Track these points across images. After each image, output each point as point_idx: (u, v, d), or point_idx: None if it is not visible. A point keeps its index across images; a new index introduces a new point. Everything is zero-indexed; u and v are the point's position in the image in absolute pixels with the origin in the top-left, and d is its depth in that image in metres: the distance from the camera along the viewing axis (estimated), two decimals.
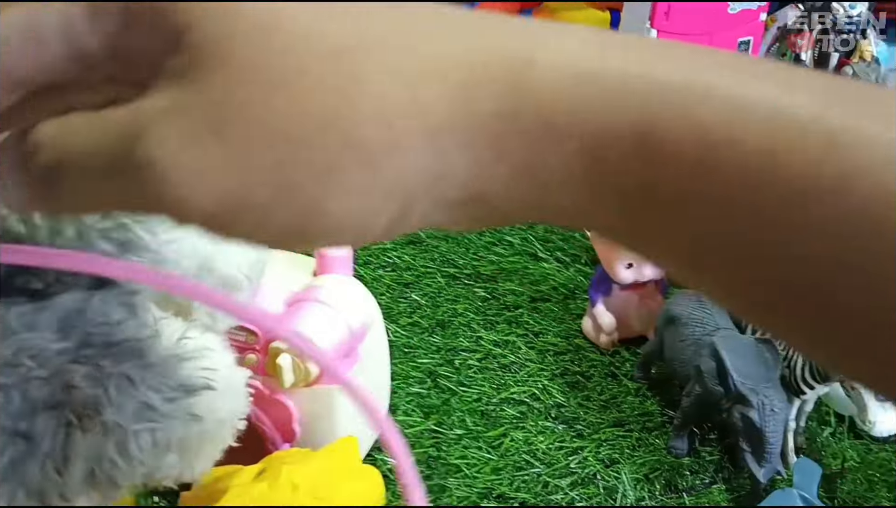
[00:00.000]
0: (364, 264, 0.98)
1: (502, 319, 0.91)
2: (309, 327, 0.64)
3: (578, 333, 0.90)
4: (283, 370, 0.63)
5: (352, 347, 0.67)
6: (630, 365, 0.86)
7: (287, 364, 0.63)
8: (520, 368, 0.86)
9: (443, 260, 0.98)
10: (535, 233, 1.01)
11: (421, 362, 0.86)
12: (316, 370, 0.64)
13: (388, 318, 0.91)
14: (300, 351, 0.63)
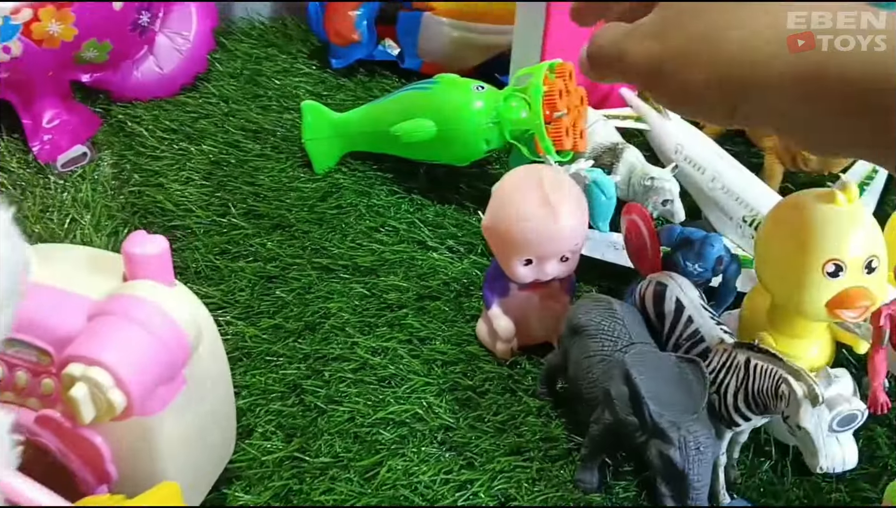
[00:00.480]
0: (221, 254, 0.82)
1: (383, 321, 0.77)
2: (113, 348, 0.49)
3: (472, 339, 0.76)
4: (78, 403, 0.48)
5: (172, 371, 0.52)
6: (532, 378, 0.73)
7: (82, 395, 0.48)
8: (401, 381, 0.72)
9: (314, 249, 0.84)
10: (423, 216, 0.87)
11: (284, 373, 0.72)
12: (122, 400, 0.49)
13: (246, 320, 0.76)
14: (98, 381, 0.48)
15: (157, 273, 0.53)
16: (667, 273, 0.69)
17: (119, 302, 0.51)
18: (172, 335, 0.51)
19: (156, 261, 0.52)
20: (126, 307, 0.50)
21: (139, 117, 0.99)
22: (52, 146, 0.91)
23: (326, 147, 0.91)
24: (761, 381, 0.59)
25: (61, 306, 0.52)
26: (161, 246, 0.52)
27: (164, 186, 0.89)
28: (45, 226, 0.84)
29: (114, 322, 0.50)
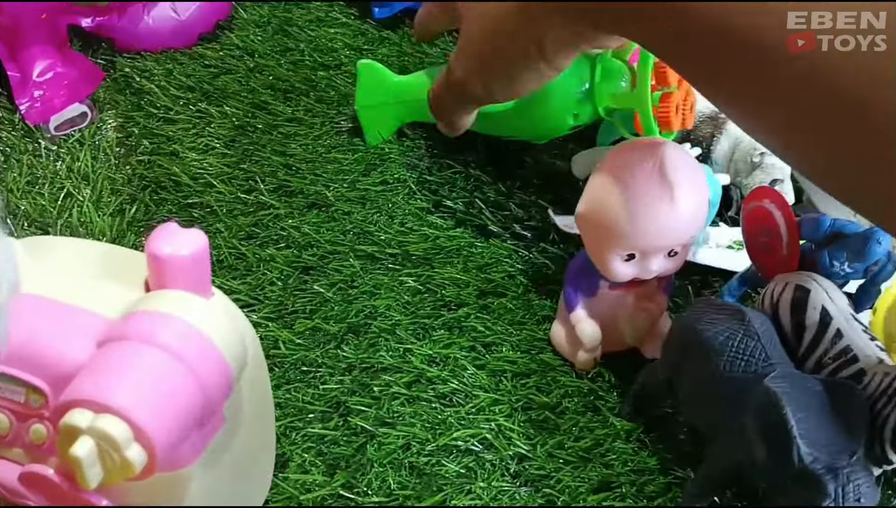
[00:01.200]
0: (248, 238, 0.70)
1: (440, 323, 0.65)
2: (131, 387, 0.36)
3: (545, 345, 0.64)
4: (82, 464, 0.36)
5: (209, 411, 0.39)
6: (618, 394, 0.61)
7: (87, 454, 0.36)
8: (466, 399, 0.60)
9: (357, 233, 0.71)
10: (483, 196, 0.74)
11: (325, 388, 0.60)
12: (142, 457, 0.37)
13: (278, 321, 0.64)
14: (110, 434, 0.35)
15: (191, 280, 0.40)
16: (807, 274, 0.56)
17: (140, 322, 0.38)
18: (212, 366, 0.39)
19: (190, 265, 0.40)
20: (150, 329, 0.38)
21: (149, 71, 0.84)
22: (44, 105, 0.77)
23: (383, 115, 0.77)
24: None
25: (60, 327, 0.39)
26: (197, 243, 0.40)
27: (178, 155, 0.76)
28: (32, 203, 0.71)
29: (133, 350, 0.37)
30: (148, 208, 0.72)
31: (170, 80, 0.83)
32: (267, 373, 0.47)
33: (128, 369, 0.37)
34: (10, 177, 0.74)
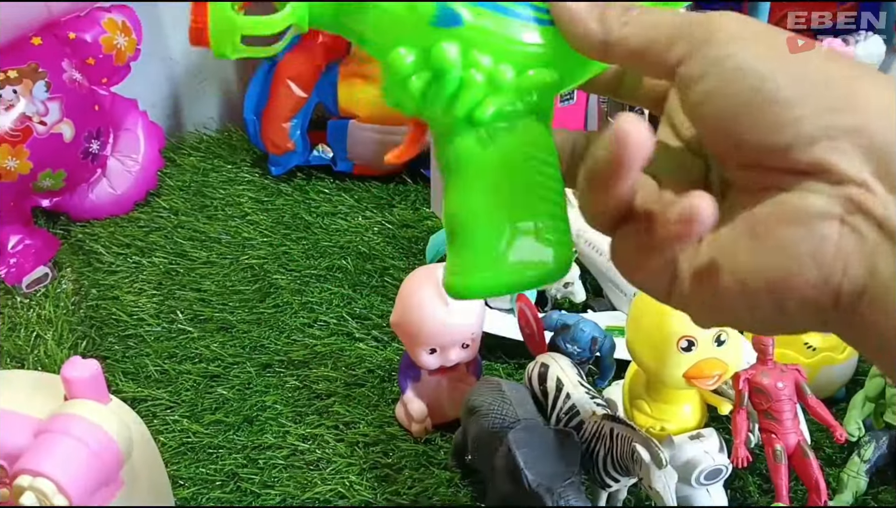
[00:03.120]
0: (169, 357, 0.92)
1: (313, 409, 0.87)
2: (54, 461, 0.58)
3: (393, 420, 0.86)
4: None
5: (107, 476, 0.61)
6: (444, 452, 0.83)
7: (31, 502, 0.58)
8: (327, 464, 0.82)
9: (254, 346, 0.94)
10: (351, 310, 0.98)
11: (223, 463, 0.81)
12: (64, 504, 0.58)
13: (191, 417, 0.86)
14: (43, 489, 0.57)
15: (91, 392, 0.63)
16: (550, 354, 0.79)
17: (59, 421, 0.61)
18: (106, 446, 0.61)
19: (89, 383, 0.62)
20: (65, 424, 0.60)
21: (96, 235, 1.09)
22: (18, 269, 1.02)
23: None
24: (621, 447, 0.69)
25: (11, 426, 0.62)
26: (93, 369, 0.62)
27: (119, 299, 1.00)
28: (13, 344, 0.94)
29: (55, 438, 0.60)
30: (95, 341, 0.95)
31: (112, 241, 1.08)
32: (157, 450, 0.69)
33: (52, 450, 0.59)
34: None
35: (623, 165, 0.27)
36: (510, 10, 0.31)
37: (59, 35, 1.04)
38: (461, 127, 0.32)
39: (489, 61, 0.31)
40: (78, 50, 1.06)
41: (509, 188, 0.32)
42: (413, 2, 0.30)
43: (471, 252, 0.33)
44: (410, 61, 0.30)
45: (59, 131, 1.02)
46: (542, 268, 0.33)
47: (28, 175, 1.00)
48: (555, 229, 0.33)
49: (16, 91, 0.98)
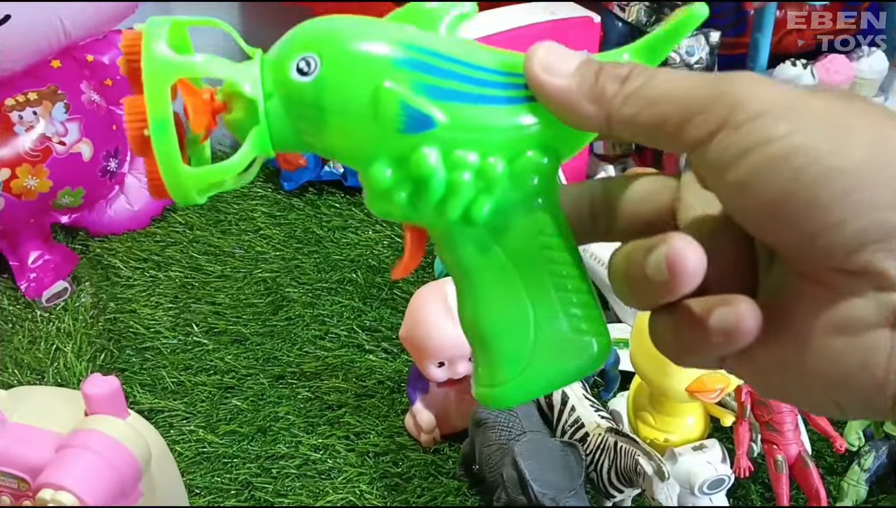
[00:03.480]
0: (185, 369, 0.95)
1: (324, 420, 0.89)
2: (74, 475, 0.61)
3: (402, 430, 0.88)
4: None
5: (126, 488, 0.64)
6: (452, 462, 0.85)
7: None
8: (338, 473, 0.84)
9: (267, 358, 0.96)
10: (361, 323, 1.00)
11: (238, 472, 0.84)
12: None
13: (206, 428, 0.88)
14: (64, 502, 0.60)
15: (110, 408, 0.65)
16: None
17: (79, 436, 0.63)
18: (124, 460, 0.63)
19: (109, 399, 0.65)
20: (85, 440, 0.63)
21: (114, 250, 1.12)
22: (38, 283, 1.04)
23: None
24: (625, 460, 0.71)
25: (34, 441, 0.64)
26: (112, 386, 0.65)
27: (136, 312, 1.02)
28: (33, 357, 0.97)
29: (76, 453, 0.62)
30: (113, 354, 0.97)
31: (129, 255, 1.11)
32: (174, 462, 0.72)
33: (73, 464, 0.61)
34: (16, 339, 1.00)
35: (674, 291, 0.25)
36: (483, 96, 0.28)
37: (77, 58, 1.07)
38: (459, 229, 0.29)
39: (475, 158, 0.28)
40: (96, 72, 1.09)
41: (525, 285, 0.29)
42: (374, 113, 0.27)
43: (497, 363, 0.30)
44: (389, 175, 0.28)
45: (78, 151, 1.04)
46: (582, 358, 0.30)
47: (48, 193, 1.03)
48: (586, 316, 0.30)
49: (36, 112, 1.01)
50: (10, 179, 0.99)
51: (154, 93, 0.27)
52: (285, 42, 0.28)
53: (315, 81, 0.27)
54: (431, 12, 0.29)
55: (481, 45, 0.29)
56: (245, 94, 0.28)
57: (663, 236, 0.25)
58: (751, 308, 0.25)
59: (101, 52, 1.10)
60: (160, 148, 0.27)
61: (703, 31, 1.06)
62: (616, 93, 0.27)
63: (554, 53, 0.28)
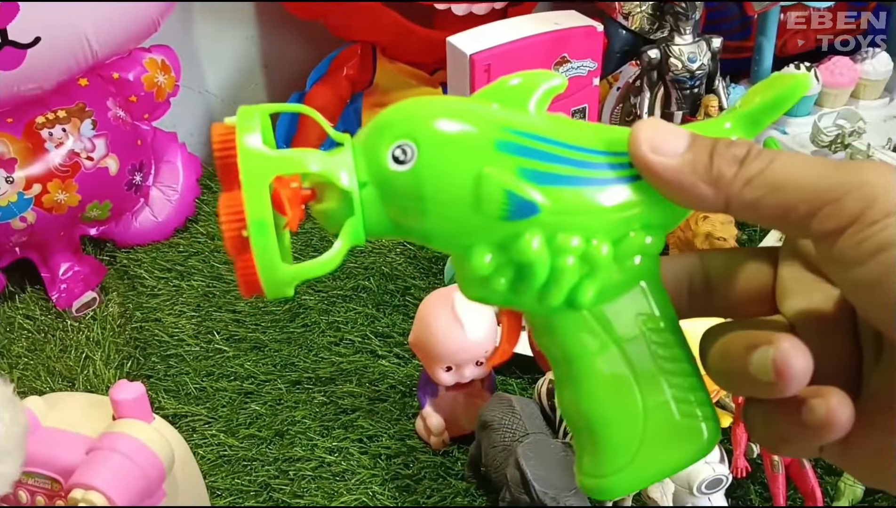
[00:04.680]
0: (207, 375, 1.00)
1: (338, 424, 0.93)
2: (103, 476, 0.65)
3: (413, 433, 0.92)
4: None
5: (151, 488, 0.68)
6: (461, 464, 0.89)
7: None
8: (352, 475, 0.88)
9: (284, 364, 1.00)
10: (375, 329, 1.04)
11: (257, 475, 0.88)
12: None
13: (227, 432, 0.93)
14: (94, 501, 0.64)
15: (137, 412, 0.70)
16: None
17: (108, 439, 0.68)
18: (150, 462, 0.68)
19: (135, 404, 0.70)
20: (113, 442, 0.68)
21: (140, 260, 1.17)
22: (68, 294, 1.10)
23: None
24: None
25: (66, 444, 0.69)
26: (138, 391, 0.69)
27: (160, 320, 1.07)
28: (64, 365, 1.02)
29: (104, 455, 0.67)
30: (139, 361, 1.02)
31: (154, 266, 1.16)
32: (196, 464, 0.76)
33: (102, 465, 0.66)
34: (48, 347, 1.05)
35: (779, 393, 0.25)
36: (586, 178, 0.27)
37: (103, 75, 1.12)
38: (562, 313, 0.28)
39: (579, 241, 0.27)
40: (121, 89, 1.14)
41: (632, 371, 0.28)
42: (477, 201, 0.26)
43: (604, 453, 0.29)
44: (489, 261, 0.27)
45: (105, 165, 1.09)
46: (693, 445, 0.29)
47: (77, 207, 1.08)
48: (695, 399, 0.29)
49: (65, 129, 1.06)
50: (41, 194, 1.04)
51: (253, 192, 0.26)
52: (377, 128, 0.27)
53: (413, 170, 0.26)
54: (519, 88, 0.28)
55: (575, 121, 0.28)
56: (341, 186, 0.27)
57: (768, 335, 0.25)
58: (843, 401, 0.25)
59: (127, 70, 1.15)
60: (260, 248, 0.26)
61: (705, 36, 1.08)
62: (735, 176, 0.25)
63: (661, 131, 0.27)
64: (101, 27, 1.05)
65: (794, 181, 0.25)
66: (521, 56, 1.02)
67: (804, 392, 0.25)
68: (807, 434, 0.25)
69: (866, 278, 0.24)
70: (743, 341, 0.26)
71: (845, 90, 1.21)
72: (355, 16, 1.21)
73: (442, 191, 0.27)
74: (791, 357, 0.24)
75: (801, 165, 0.25)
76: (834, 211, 0.24)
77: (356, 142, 0.28)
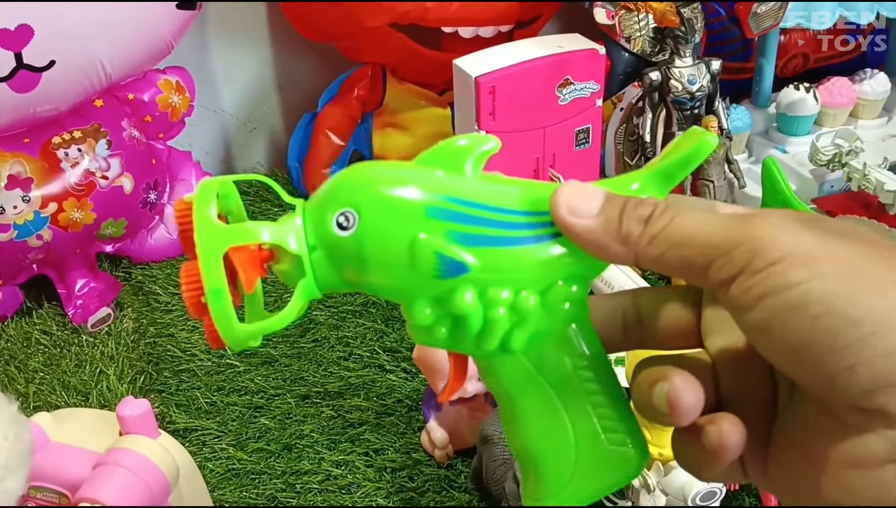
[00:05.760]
0: (218, 390, 1.02)
1: (345, 437, 0.95)
2: (109, 490, 0.67)
3: (418, 447, 0.94)
4: None
5: (156, 501, 0.70)
6: (464, 476, 0.90)
7: None
8: (358, 488, 0.90)
9: (294, 379, 1.02)
10: (383, 344, 1.06)
11: (265, 488, 0.90)
12: None
13: (236, 446, 0.95)
14: None
15: (142, 428, 0.72)
16: None
17: (114, 454, 0.70)
18: (154, 476, 0.70)
19: (141, 420, 0.72)
20: (119, 457, 0.70)
21: (154, 276, 1.20)
22: (84, 310, 1.12)
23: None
24: None
25: (74, 459, 0.71)
26: (144, 408, 0.72)
27: (174, 335, 1.10)
28: (79, 380, 1.04)
29: (110, 470, 0.69)
30: (152, 376, 1.04)
31: (168, 282, 1.18)
32: (202, 478, 0.78)
33: (107, 480, 0.68)
34: (63, 362, 1.08)
35: (675, 423, 0.28)
36: (512, 238, 0.30)
37: (118, 97, 1.15)
38: (498, 357, 0.31)
39: (508, 293, 0.30)
40: (136, 109, 1.17)
41: (564, 406, 0.31)
42: (412, 262, 0.29)
43: (542, 480, 0.32)
44: (429, 313, 0.30)
45: (120, 184, 1.12)
46: (622, 468, 0.32)
47: (92, 225, 1.11)
48: (622, 427, 0.32)
49: (80, 149, 1.09)
50: (57, 212, 1.07)
51: (208, 262, 0.29)
52: (325, 195, 0.30)
53: (355, 236, 0.29)
54: (459, 150, 0.31)
55: (507, 179, 0.31)
56: (291, 252, 0.30)
57: (666, 371, 0.28)
58: (734, 426, 0.28)
59: (141, 91, 1.17)
60: (217, 313, 0.29)
61: (705, 59, 1.10)
62: (641, 235, 0.28)
63: (578, 194, 0.29)
64: (115, 50, 1.08)
65: (691, 237, 0.27)
66: (525, 78, 1.04)
67: (701, 420, 0.28)
68: (708, 457, 0.28)
69: (755, 322, 0.26)
70: (649, 376, 0.29)
71: (844, 110, 1.22)
72: (366, 38, 1.23)
73: (381, 254, 0.30)
74: (681, 391, 0.28)
75: (698, 222, 0.28)
76: (725, 263, 0.26)
77: (308, 206, 0.31)
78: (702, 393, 0.28)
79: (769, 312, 0.26)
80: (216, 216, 0.30)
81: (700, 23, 1.07)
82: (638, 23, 1.09)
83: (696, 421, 0.29)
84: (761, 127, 1.26)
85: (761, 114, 1.26)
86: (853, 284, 0.25)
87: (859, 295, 0.25)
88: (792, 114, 1.20)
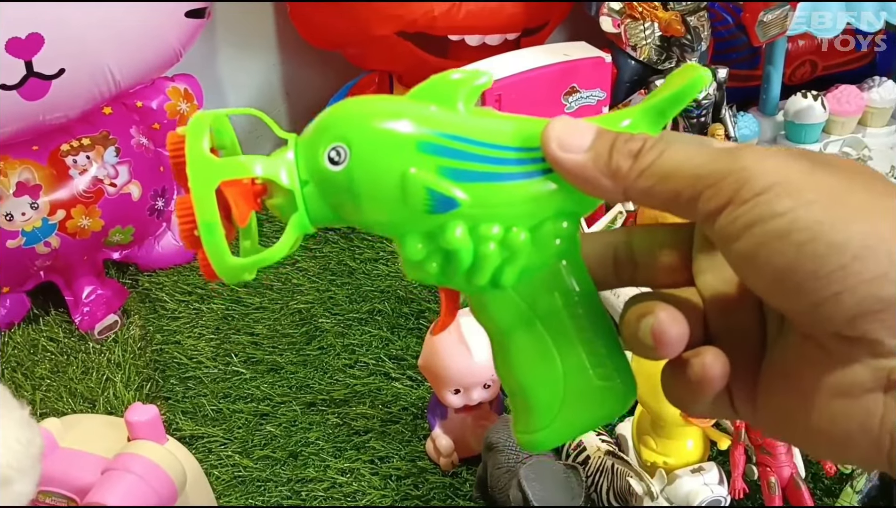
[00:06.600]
0: (224, 397, 1.02)
1: (351, 445, 0.95)
2: (117, 495, 0.68)
3: (423, 455, 0.94)
4: None
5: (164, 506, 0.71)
6: (469, 484, 0.91)
7: None
8: (363, 496, 0.90)
9: (300, 386, 1.03)
10: (388, 352, 1.06)
11: (270, 495, 0.90)
12: None
13: (242, 453, 0.95)
14: None
15: (150, 434, 0.72)
16: None
17: (122, 460, 0.70)
18: (161, 482, 0.70)
19: (149, 426, 0.72)
20: (126, 463, 0.70)
21: (161, 283, 1.20)
22: (91, 317, 1.13)
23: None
24: (620, 481, 0.76)
25: (82, 464, 0.72)
26: (151, 414, 0.72)
27: (180, 343, 1.10)
28: (85, 387, 1.05)
29: (118, 475, 0.70)
30: (158, 383, 1.05)
31: (175, 289, 1.19)
32: (208, 483, 0.78)
33: (116, 485, 0.69)
34: (70, 369, 1.08)
35: (659, 357, 0.28)
36: (502, 174, 0.30)
37: (127, 104, 1.16)
38: (489, 292, 0.31)
39: (499, 229, 0.30)
40: (144, 117, 1.17)
41: (553, 340, 0.32)
42: (403, 197, 0.29)
43: (532, 413, 0.33)
44: (421, 248, 0.30)
45: (128, 191, 1.13)
46: (610, 402, 0.32)
47: (100, 232, 1.11)
48: (611, 362, 0.32)
49: (89, 157, 1.10)
50: (65, 220, 1.08)
51: (200, 196, 0.29)
52: (317, 130, 0.30)
53: (346, 170, 0.29)
54: (452, 84, 0.31)
55: (499, 114, 0.31)
56: (283, 186, 0.30)
57: (652, 306, 0.29)
58: (717, 358, 0.28)
59: (149, 99, 1.18)
60: (209, 245, 0.29)
61: (711, 67, 1.10)
62: (630, 169, 0.28)
63: (569, 129, 0.30)
64: (124, 58, 1.09)
65: (679, 169, 0.28)
66: (531, 86, 1.05)
67: (686, 354, 0.29)
68: (693, 389, 0.29)
69: (742, 251, 0.26)
70: (637, 311, 0.29)
71: (852, 118, 1.22)
72: (373, 46, 1.24)
73: (373, 189, 0.30)
74: (665, 324, 0.28)
75: (686, 155, 0.28)
76: (713, 194, 0.27)
77: (300, 140, 0.31)
78: (686, 327, 0.28)
79: (755, 241, 0.26)
80: (209, 149, 0.30)
81: (706, 31, 1.08)
82: (644, 31, 1.10)
83: (681, 355, 0.29)
84: (769, 135, 1.27)
85: (769, 121, 1.26)
86: (838, 211, 0.25)
87: (844, 221, 0.25)
88: (800, 121, 1.20)
